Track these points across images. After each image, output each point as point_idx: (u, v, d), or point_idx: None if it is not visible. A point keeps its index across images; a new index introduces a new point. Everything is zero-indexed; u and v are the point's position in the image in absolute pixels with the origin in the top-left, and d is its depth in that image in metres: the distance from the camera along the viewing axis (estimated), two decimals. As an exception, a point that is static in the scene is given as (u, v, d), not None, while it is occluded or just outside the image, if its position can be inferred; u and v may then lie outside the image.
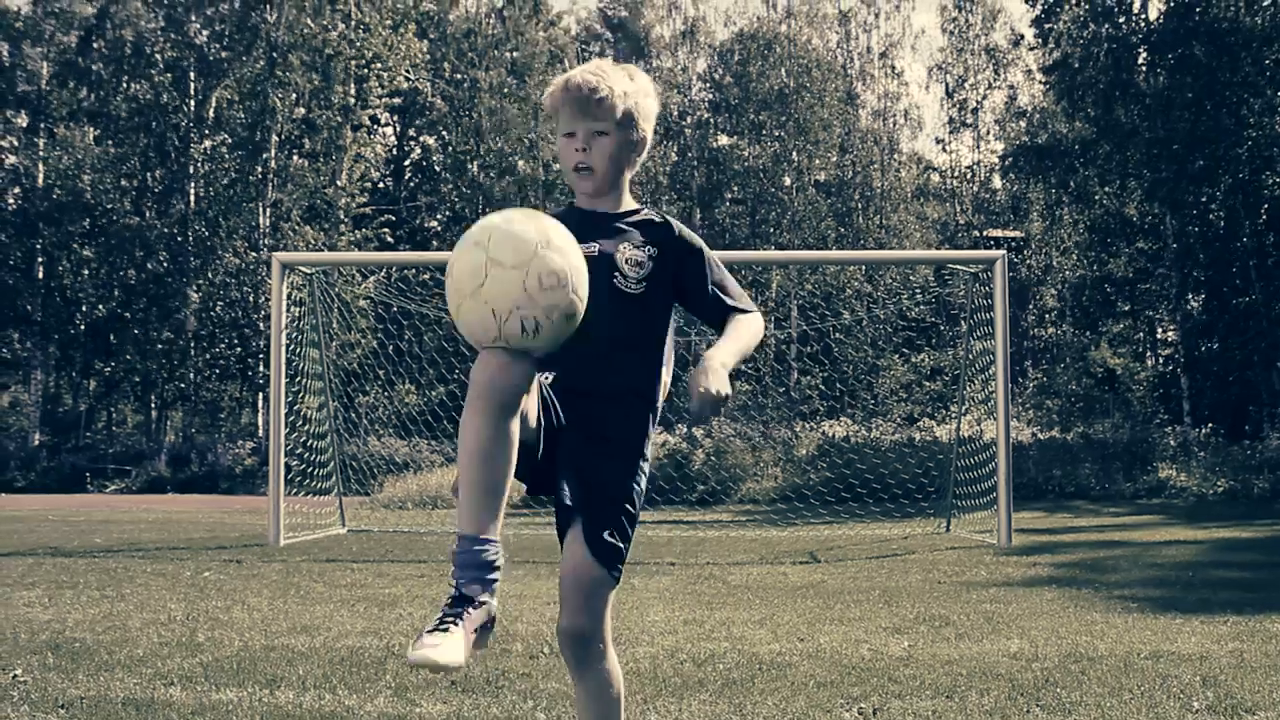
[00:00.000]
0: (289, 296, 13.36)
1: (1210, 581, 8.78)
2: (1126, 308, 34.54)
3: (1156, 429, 26.19)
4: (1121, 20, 31.43)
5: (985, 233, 37.81)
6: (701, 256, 3.12)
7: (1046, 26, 32.73)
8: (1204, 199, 30.03)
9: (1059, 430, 27.15)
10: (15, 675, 5.01)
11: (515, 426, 2.62)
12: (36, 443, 36.25)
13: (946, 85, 40.45)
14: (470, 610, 2.57)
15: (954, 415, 17.27)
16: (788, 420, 26.66)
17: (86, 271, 38.35)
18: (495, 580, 2.62)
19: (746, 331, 3.08)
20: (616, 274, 2.99)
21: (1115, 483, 22.30)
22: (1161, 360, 34.83)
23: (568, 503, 2.90)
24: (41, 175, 38.74)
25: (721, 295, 3.12)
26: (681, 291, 3.11)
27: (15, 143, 39.76)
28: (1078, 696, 4.53)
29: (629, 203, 3.16)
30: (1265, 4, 28.30)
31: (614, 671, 2.95)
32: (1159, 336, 36.38)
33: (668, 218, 3.14)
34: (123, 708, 4.36)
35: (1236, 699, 4.46)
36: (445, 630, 2.52)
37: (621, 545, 2.92)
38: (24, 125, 39.74)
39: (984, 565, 10.03)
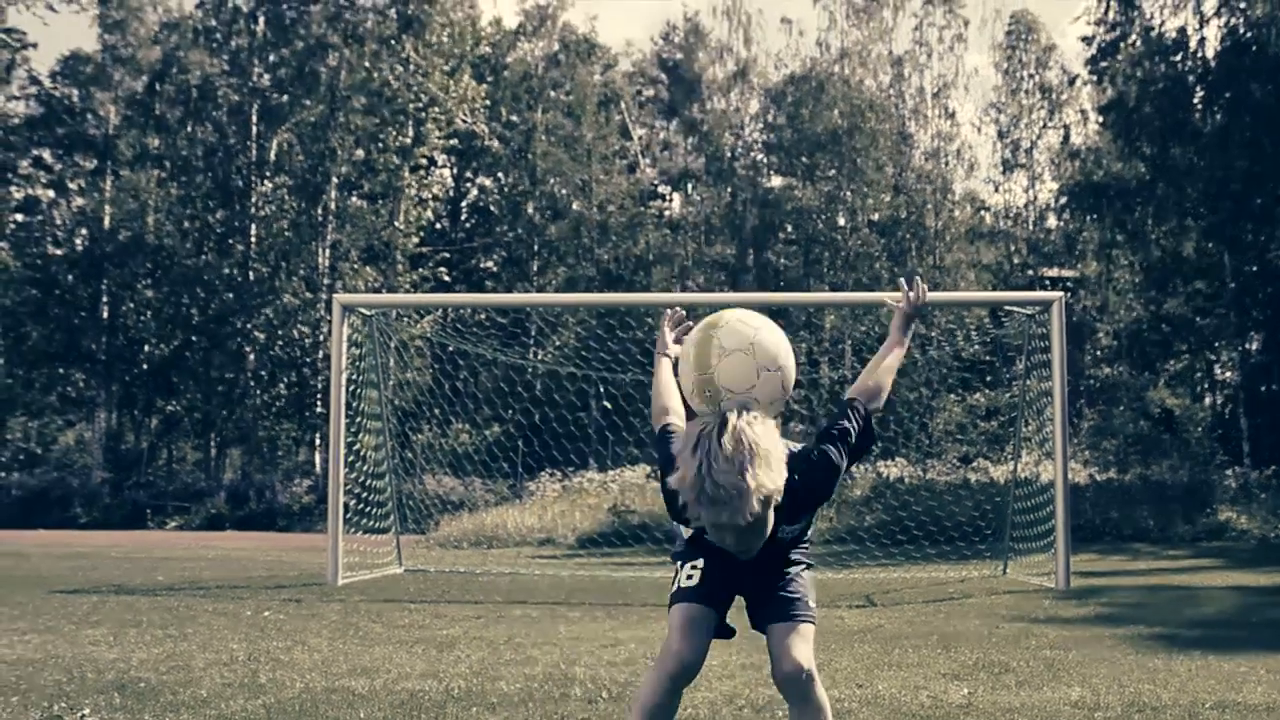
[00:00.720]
0: (348, 338, 13.52)
1: (1275, 628, 8.65)
2: (1184, 348, 34.15)
3: (1216, 470, 25.81)
4: (1178, 58, 31.26)
5: (1041, 272, 37.56)
6: (827, 469, 3.52)
7: (1102, 66, 32.60)
8: (1263, 238, 29.70)
9: (1116, 471, 26.83)
10: (83, 715, 5.09)
11: (680, 696, 3.51)
12: (99, 480, 36.77)
13: (999, 125, 40.33)
14: None
15: (1010, 456, 17.13)
16: (842, 461, 26.51)
17: (149, 311, 38.99)
18: None
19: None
20: (782, 527, 3.47)
21: (1174, 525, 21.99)
22: (1221, 401, 34.37)
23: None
24: (108, 217, 39.50)
25: (836, 430, 3.57)
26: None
27: (83, 185, 40.62)
28: (1141, 747, 4.49)
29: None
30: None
31: (825, 700, 3.52)
32: (1218, 377, 35.90)
33: (791, 459, 3.42)
34: (189, 749, 4.43)
35: (1304, 752, 4.40)
36: None
37: (805, 598, 3.63)
38: (92, 168, 40.59)
39: (1043, 609, 9.94)
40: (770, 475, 3.16)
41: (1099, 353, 36.67)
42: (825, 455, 3.48)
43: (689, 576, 3.60)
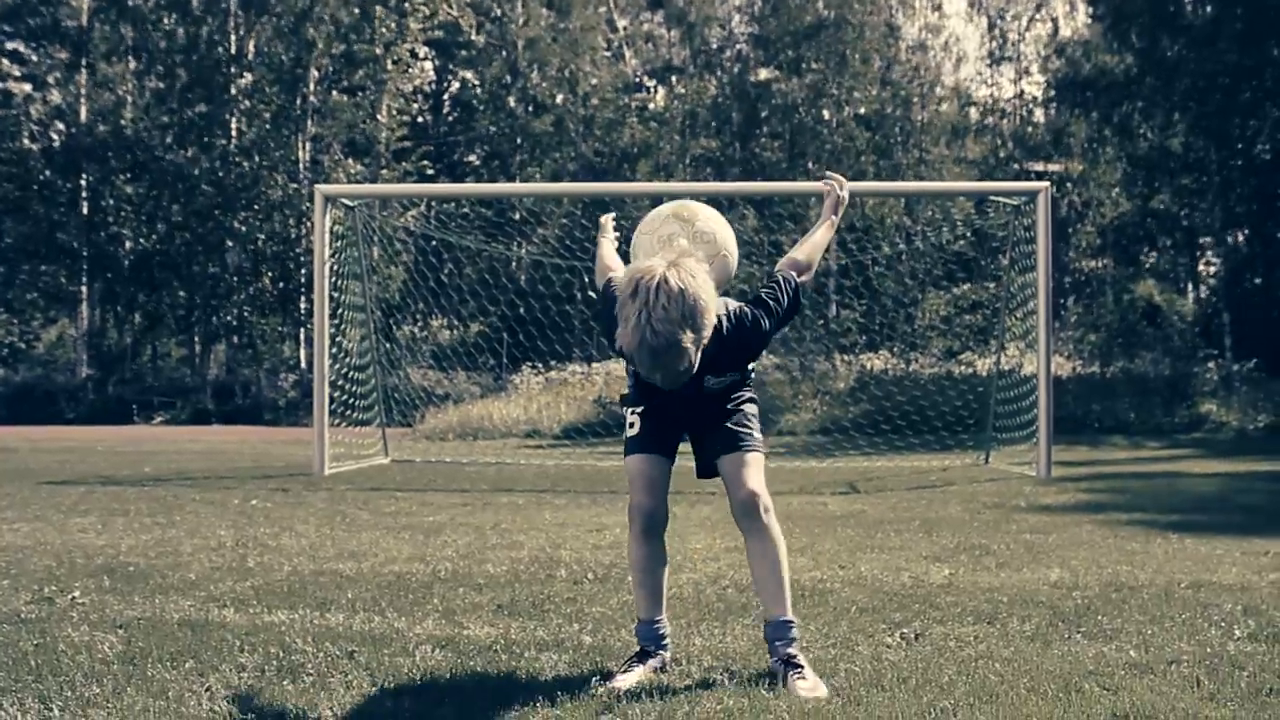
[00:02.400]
0: (331, 229, 13.43)
1: (1251, 514, 8.77)
2: (1169, 242, 34.12)
3: (1198, 363, 25.98)
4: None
5: (1027, 165, 37.36)
6: (756, 333, 3.73)
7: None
8: (1250, 132, 29.53)
9: (1099, 365, 26.98)
10: (73, 597, 5.14)
11: (661, 542, 3.88)
12: (84, 376, 36.70)
13: (988, 17, 39.81)
14: (649, 659, 3.81)
15: (994, 349, 17.21)
16: (826, 353, 26.61)
17: (129, 207, 38.56)
18: (664, 642, 3.88)
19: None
20: (707, 378, 3.73)
21: (1154, 417, 22.20)
22: (1203, 295, 34.46)
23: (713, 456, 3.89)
24: (84, 111, 38.86)
25: (766, 298, 3.78)
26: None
27: (58, 78, 39.89)
28: (1119, 624, 4.56)
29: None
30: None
31: (779, 533, 3.79)
32: (1201, 271, 35.94)
33: (727, 316, 3.67)
34: (178, 628, 4.47)
35: (1278, 627, 4.48)
36: (631, 669, 3.73)
37: (752, 430, 3.88)
38: (66, 61, 39.82)
39: (1023, 496, 10.05)
40: (705, 325, 3.35)
41: (1087, 249, 36.63)
42: (756, 319, 3.71)
43: (631, 425, 3.89)
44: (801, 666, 3.64)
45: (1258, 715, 3.24)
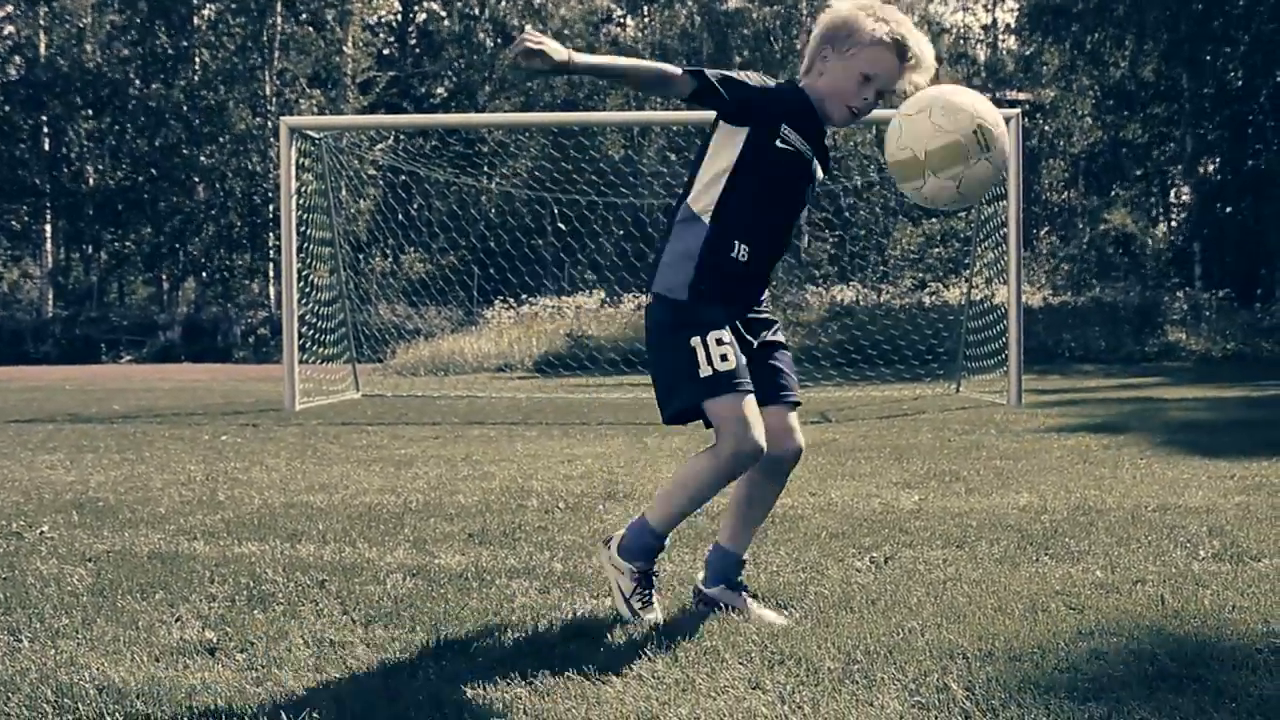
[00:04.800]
0: (298, 163, 13.28)
1: (1217, 438, 8.84)
2: (1140, 172, 34.15)
3: (1167, 292, 26.12)
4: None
5: (999, 94, 37.25)
6: None
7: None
8: (1221, 60, 29.48)
9: (1070, 294, 27.10)
10: (42, 532, 5.11)
11: None
12: (50, 315, 36.37)
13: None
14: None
15: (965, 279, 17.24)
16: (798, 284, 26.60)
17: (92, 143, 38.02)
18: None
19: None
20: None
21: (1124, 345, 22.34)
22: (1174, 224, 34.56)
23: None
24: (43, 46, 38.15)
25: None
26: None
27: (13, 11, 39.12)
28: (1086, 546, 4.60)
29: None
30: None
31: None
32: (1172, 201, 36.02)
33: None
34: (148, 560, 4.45)
35: (1242, 547, 4.53)
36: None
37: (793, 375, 3.66)
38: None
39: (994, 424, 10.11)
40: None
41: (1055, 176, 36.62)
42: None
43: (723, 358, 3.27)
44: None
45: (1220, 632, 3.28)
